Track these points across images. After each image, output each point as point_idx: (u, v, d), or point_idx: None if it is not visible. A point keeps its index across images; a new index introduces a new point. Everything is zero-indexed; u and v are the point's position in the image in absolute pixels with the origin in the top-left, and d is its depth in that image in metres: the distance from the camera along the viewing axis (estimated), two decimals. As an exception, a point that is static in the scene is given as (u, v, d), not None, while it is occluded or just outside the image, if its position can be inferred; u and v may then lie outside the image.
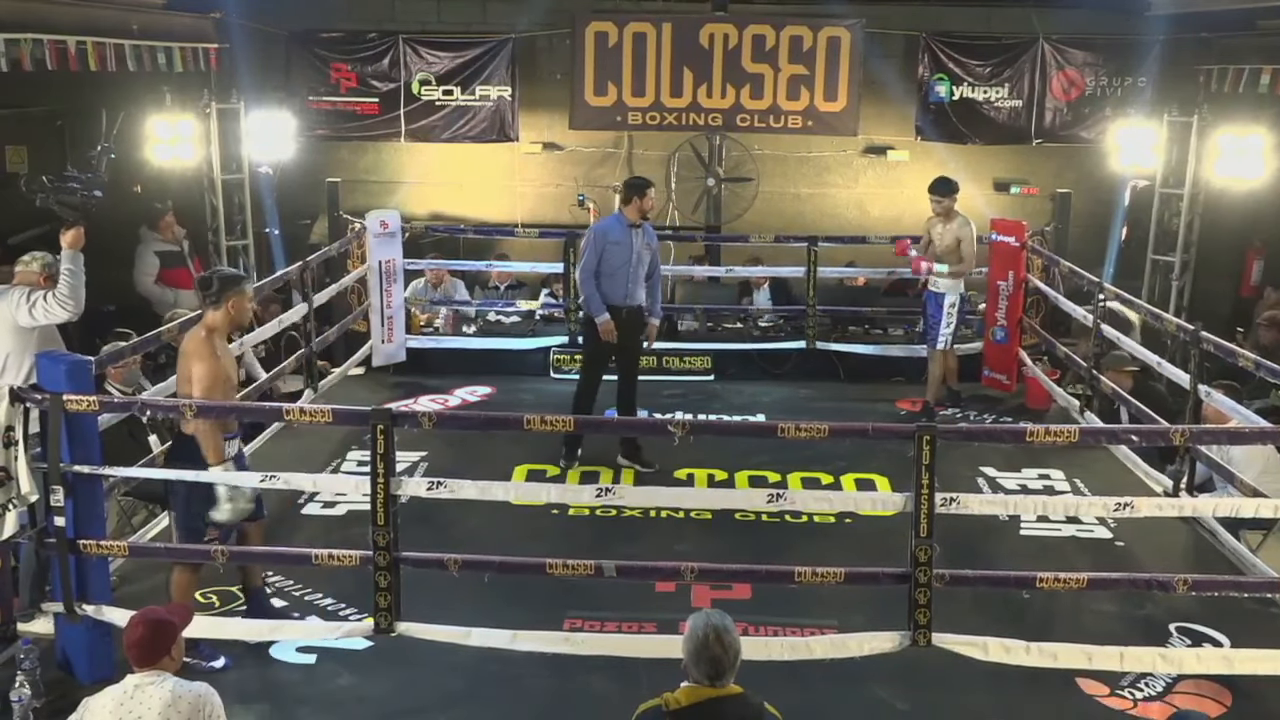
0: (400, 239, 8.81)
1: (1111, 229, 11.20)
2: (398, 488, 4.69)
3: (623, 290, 6.83)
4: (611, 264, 6.78)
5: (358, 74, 11.07)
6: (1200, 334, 6.15)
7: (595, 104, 11.03)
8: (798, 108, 10.98)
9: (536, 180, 11.71)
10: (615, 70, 10.93)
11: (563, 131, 11.43)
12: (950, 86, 11.19)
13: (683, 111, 11.03)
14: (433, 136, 11.19)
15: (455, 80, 11.09)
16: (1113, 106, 11.10)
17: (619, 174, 11.64)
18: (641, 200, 6.82)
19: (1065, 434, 4.75)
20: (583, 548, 5.54)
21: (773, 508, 5.18)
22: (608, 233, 6.83)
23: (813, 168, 11.72)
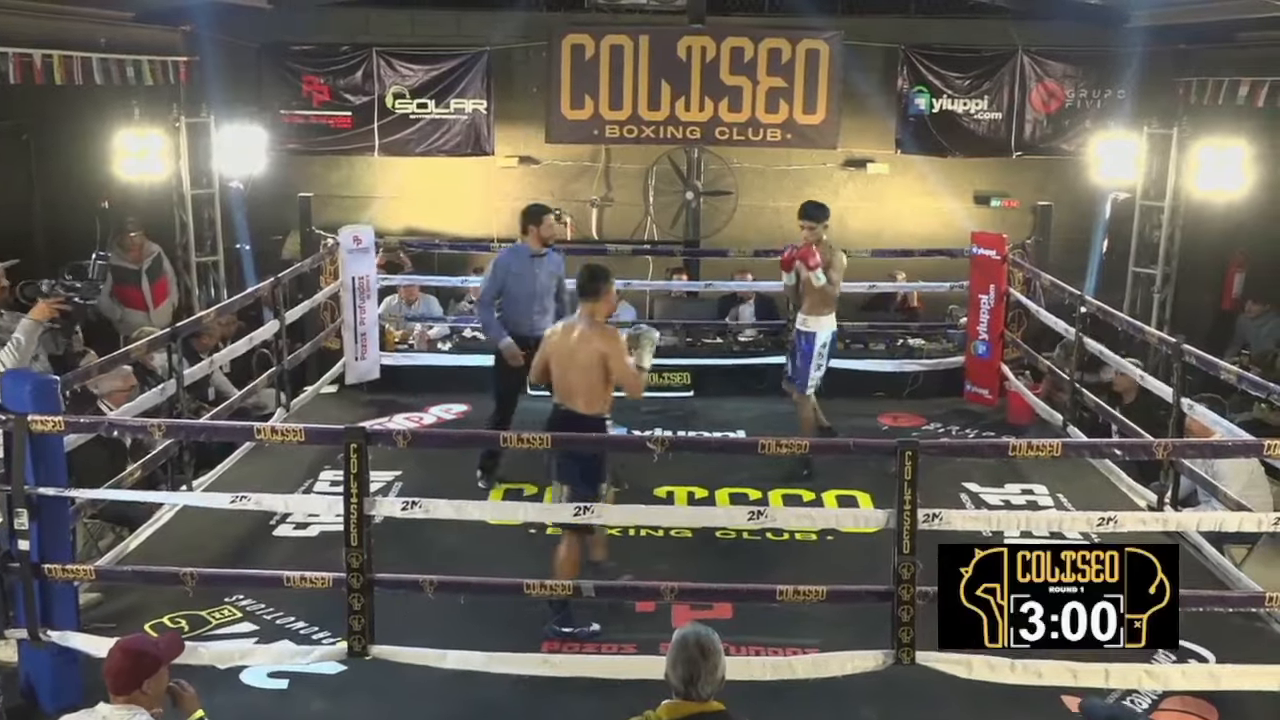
0: (373, 255, 8.80)
1: (1092, 242, 11.28)
2: (372, 508, 4.67)
3: (528, 322, 6.75)
4: (514, 295, 6.74)
5: (330, 87, 11.06)
6: (1183, 347, 6.20)
7: (572, 117, 11.04)
8: (776, 120, 11.02)
9: (512, 194, 11.68)
10: (592, 83, 10.95)
11: (539, 145, 11.44)
12: (930, 99, 11.27)
13: (660, 125, 11.05)
14: (407, 150, 11.17)
15: (429, 93, 11.09)
16: (1093, 118, 11.20)
17: (596, 188, 11.66)
18: (539, 228, 6.78)
19: (1048, 448, 4.78)
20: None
21: (754, 525, 5.18)
22: (509, 265, 6.77)
23: (792, 181, 11.77)
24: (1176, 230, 10.61)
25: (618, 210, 11.76)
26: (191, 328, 7.30)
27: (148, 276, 9.82)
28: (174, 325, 6.66)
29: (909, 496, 4.61)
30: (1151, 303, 10.70)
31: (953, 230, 11.17)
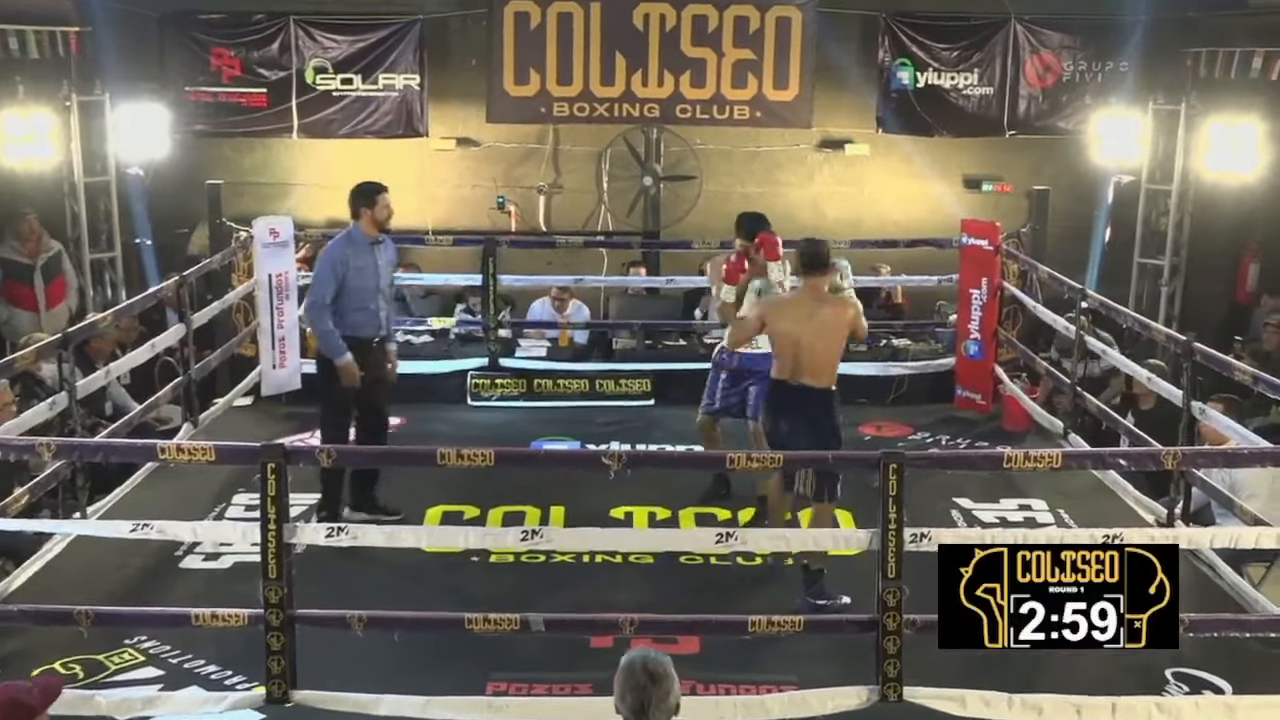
0: (293, 249, 8.74)
1: (1094, 230, 11.41)
2: (292, 535, 4.65)
3: (375, 321, 6.57)
4: (356, 292, 6.47)
5: (242, 60, 10.96)
6: (1193, 345, 6.28)
7: (516, 94, 11.01)
8: (744, 97, 11.06)
9: (449, 181, 11.67)
10: (538, 56, 10.92)
11: (479, 125, 11.40)
12: (914, 72, 11.35)
13: (615, 102, 11.05)
14: (330, 131, 11.11)
15: (355, 67, 11.02)
16: (1092, 94, 11.32)
17: (543, 173, 11.65)
18: (373, 210, 6.49)
19: (1047, 459, 4.82)
20: (507, 599, 5.51)
21: (722, 549, 5.20)
22: (347, 258, 6.46)
23: (762, 164, 11.81)
24: (1185, 216, 10.76)
25: (568, 198, 11.74)
26: (86, 333, 7.21)
27: (43, 274, 9.72)
28: (66, 331, 6.58)
29: (894, 514, 4.64)
30: (1159, 296, 10.84)
31: (940, 218, 11.24)
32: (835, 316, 5.90)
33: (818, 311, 5.87)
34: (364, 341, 6.54)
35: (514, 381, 9.10)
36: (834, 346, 5.90)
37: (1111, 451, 5.98)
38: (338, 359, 6.44)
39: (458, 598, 5.59)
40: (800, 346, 5.85)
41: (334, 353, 6.45)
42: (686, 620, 5.04)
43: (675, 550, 6.00)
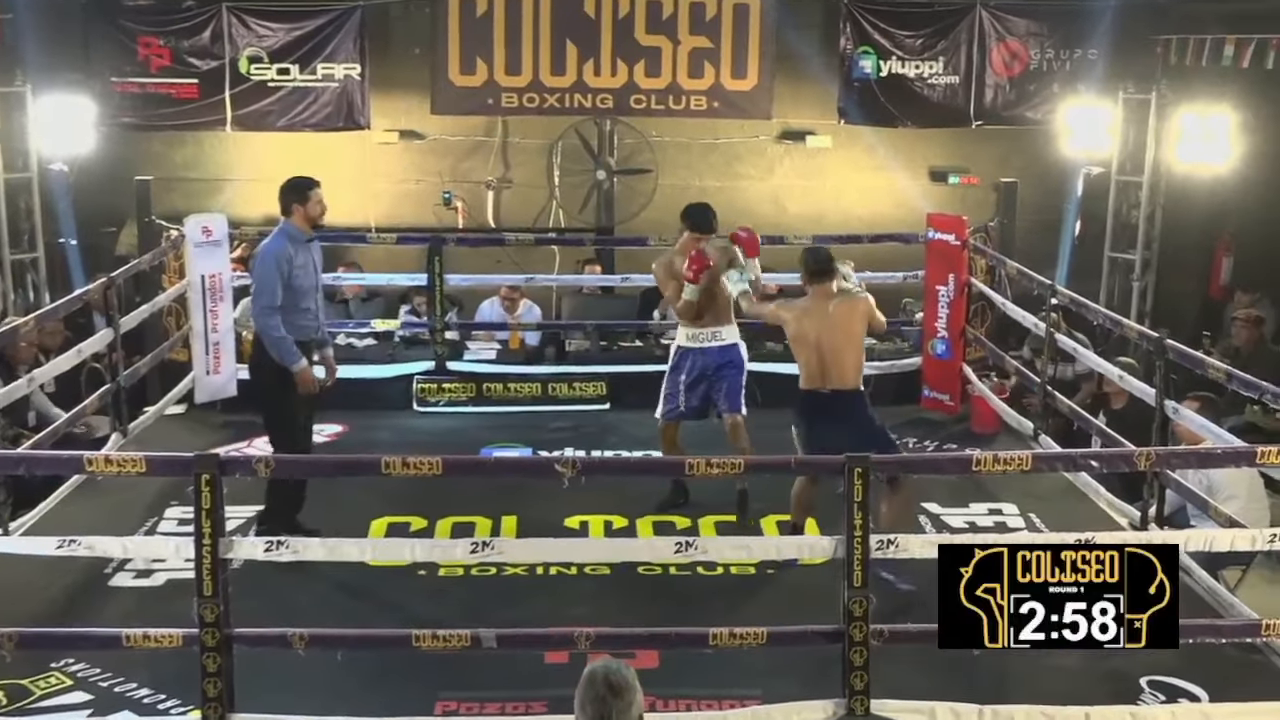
0: (227, 248, 8.68)
1: (1063, 223, 11.53)
2: (228, 550, 4.62)
3: (314, 321, 6.55)
4: (299, 291, 6.43)
5: (172, 50, 10.85)
6: (1165, 342, 6.36)
7: (462, 84, 10.98)
8: (701, 86, 11.08)
9: (393, 175, 11.62)
10: (485, 44, 10.90)
11: (423, 117, 11.37)
12: (877, 61, 11.41)
13: (566, 92, 11.05)
14: (265, 124, 11.03)
15: (292, 57, 10.94)
16: (1061, 83, 11.43)
17: (491, 167, 11.63)
18: (305, 205, 6.45)
19: (1017, 462, 4.87)
20: (457, 614, 5.51)
21: (682, 559, 5.20)
22: (289, 254, 6.36)
23: (720, 156, 11.84)
24: (1157, 209, 10.89)
25: (517, 193, 11.73)
26: (6, 339, 7.14)
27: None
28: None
29: (859, 521, 4.67)
30: (1131, 292, 10.97)
31: (905, 212, 11.33)
32: (848, 311, 6.17)
33: (830, 312, 6.15)
34: (303, 344, 6.50)
35: (462, 386, 9.08)
36: (855, 343, 6.19)
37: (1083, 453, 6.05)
38: (294, 366, 6.34)
39: (404, 614, 5.57)
40: (823, 350, 6.11)
41: (290, 359, 6.34)
42: (645, 633, 5.05)
43: (633, 560, 6.00)
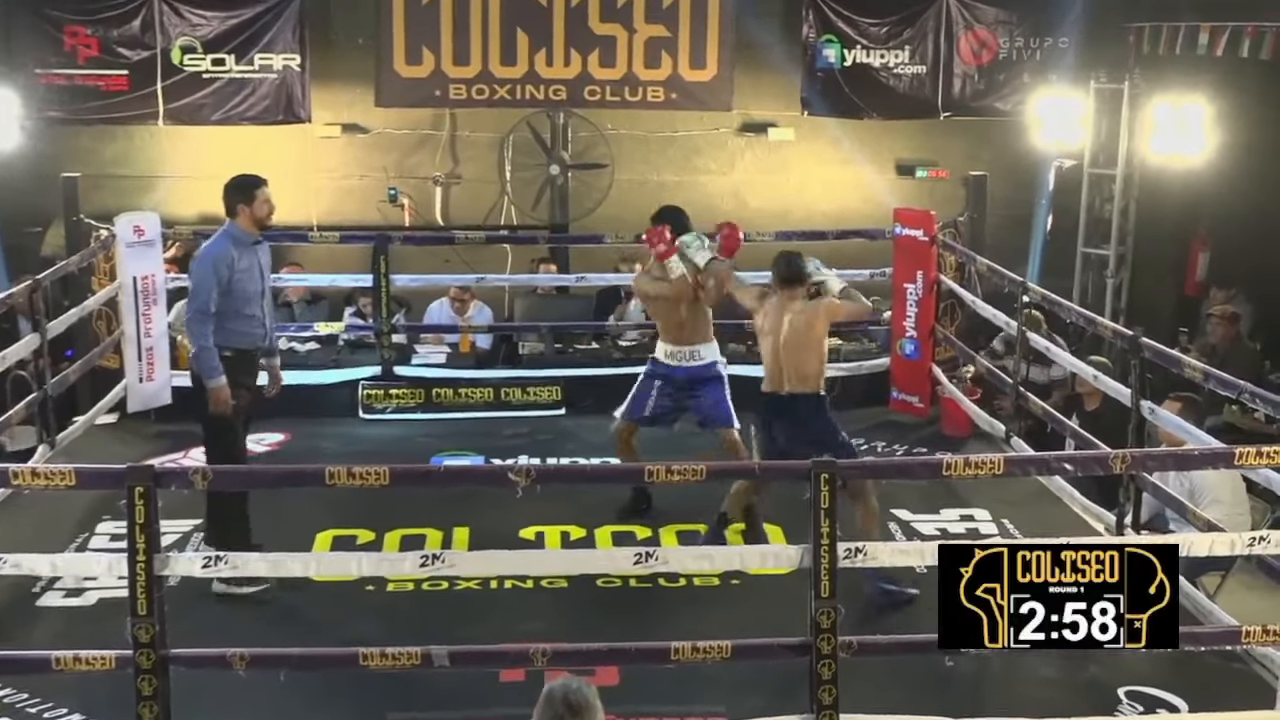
0: (160, 248, 8.62)
1: (1035, 218, 11.64)
2: (164, 567, 4.59)
3: (260, 328, 6.44)
4: (242, 296, 6.30)
5: (100, 40, 10.77)
6: (1141, 340, 6.42)
7: (407, 75, 10.96)
8: (658, 77, 11.11)
9: (336, 171, 11.57)
10: (432, 33, 10.89)
11: (367, 110, 11.34)
12: (841, 50, 11.47)
13: (517, 84, 11.05)
14: (200, 118, 10.97)
15: (228, 46, 10.89)
16: (1031, 72, 11.54)
17: (439, 162, 11.60)
18: (252, 206, 6.32)
19: (989, 465, 4.90)
20: (406, 631, 5.48)
21: (642, 570, 5.20)
22: (231, 257, 6.22)
23: (679, 150, 11.87)
24: (1131, 203, 11.00)
25: (467, 189, 11.71)
26: (-75, 346, 7.05)
27: None
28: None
29: (826, 529, 4.68)
30: (1105, 289, 11.06)
31: (872, 207, 11.40)
32: (810, 316, 6.31)
33: (792, 316, 6.31)
34: (248, 353, 6.40)
35: (410, 392, 9.05)
36: (815, 348, 6.30)
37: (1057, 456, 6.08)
38: (211, 381, 6.17)
39: (351, 631, 5.54)
40: (780, 352, 6.29)
41: (210, 373, 6.18)
42: (604, 649, 5.04)
43: (591, 573, 5.99)
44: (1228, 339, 9.48)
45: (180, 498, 6.12)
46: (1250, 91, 10.65)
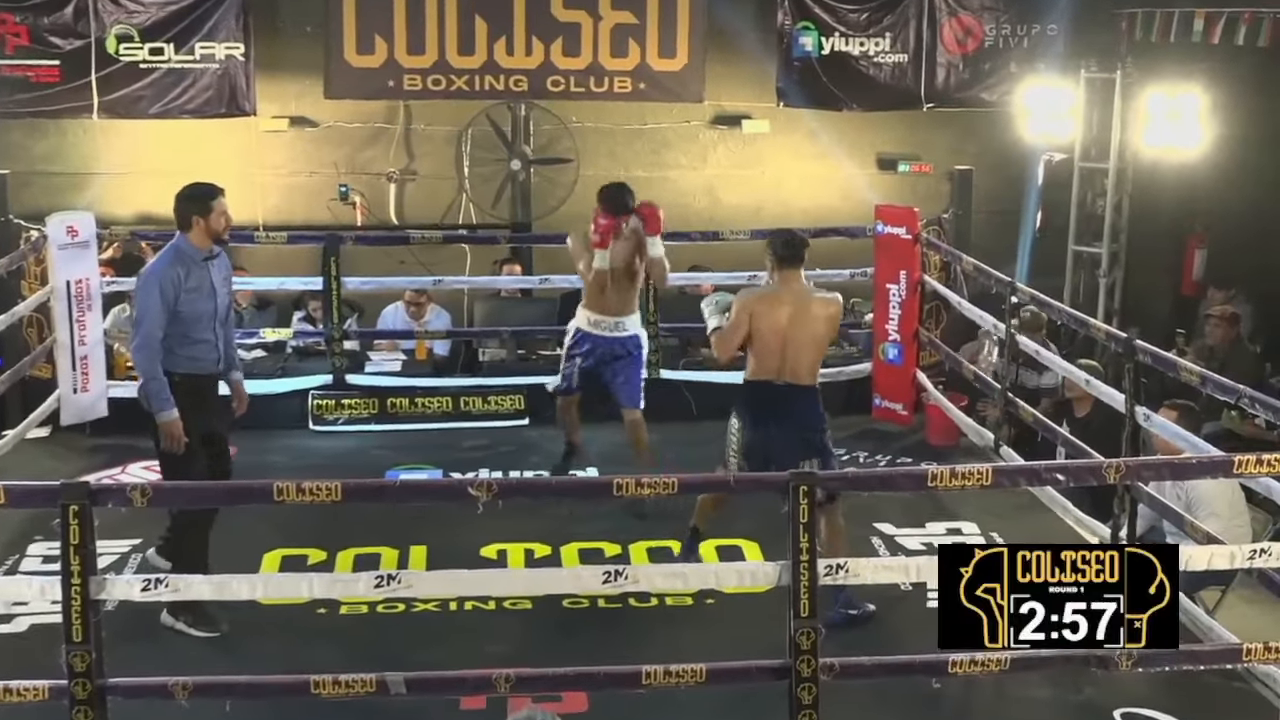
0: (95, 250, 8.57)
1: (1023, 215, 11.69)
2: (100, 590, 4.56)
3: (213, 353, 6.22)
4: (193, 319, 6.10)
5: (30, 27, 10.70)
6: (1135, 343, 6.46)
7: (359, 65, 10.93)
8: (625, 67, 11.11)
9: (282, 167, 11.54)
10: (384, 20, 10.86)
11: (316, 102, 11.31)
12: (818, 38, 11.51)
13: (475, 74, 11.03)
14: (138, 111, 10.91)
15: (166, 35, 10.83)
16: (1018, 61, 11.59)
17: (393, 158, 11.59)
18: (207, 218, 6.08)
19: (976, 476, 4.92)
20: (361, 657, 5.47)
21: (611, 590, 5.20)
22: (178, 279, 5.99)
23: (648, 144, 11.88)
24: (1124, 198, 11.07)
25: (423, 186, 11.70)
26: None
27: None
28: None
29: (806, 544, 4.69)
30: (1097, 289, 11.13)
31: (851, 203, 11.44)
32: (821, 311, 6.27)
33: (807, 305, 6.24)
34: (204, 379, 6.21)
35: (363, 402, 9.03)
36: (820, 345, 6.32)
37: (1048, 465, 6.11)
38: (161, 414, 5.99)
39: (302, 657, 5.52)
40: (787, 341, 6.17)
41: (158, 405, 5.99)
42: (571, 674, 5.04)
43: (557, 593, 5.98)
44: (1227, 341, 9.54)
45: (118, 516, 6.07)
46: (1248, 81, 10.75)
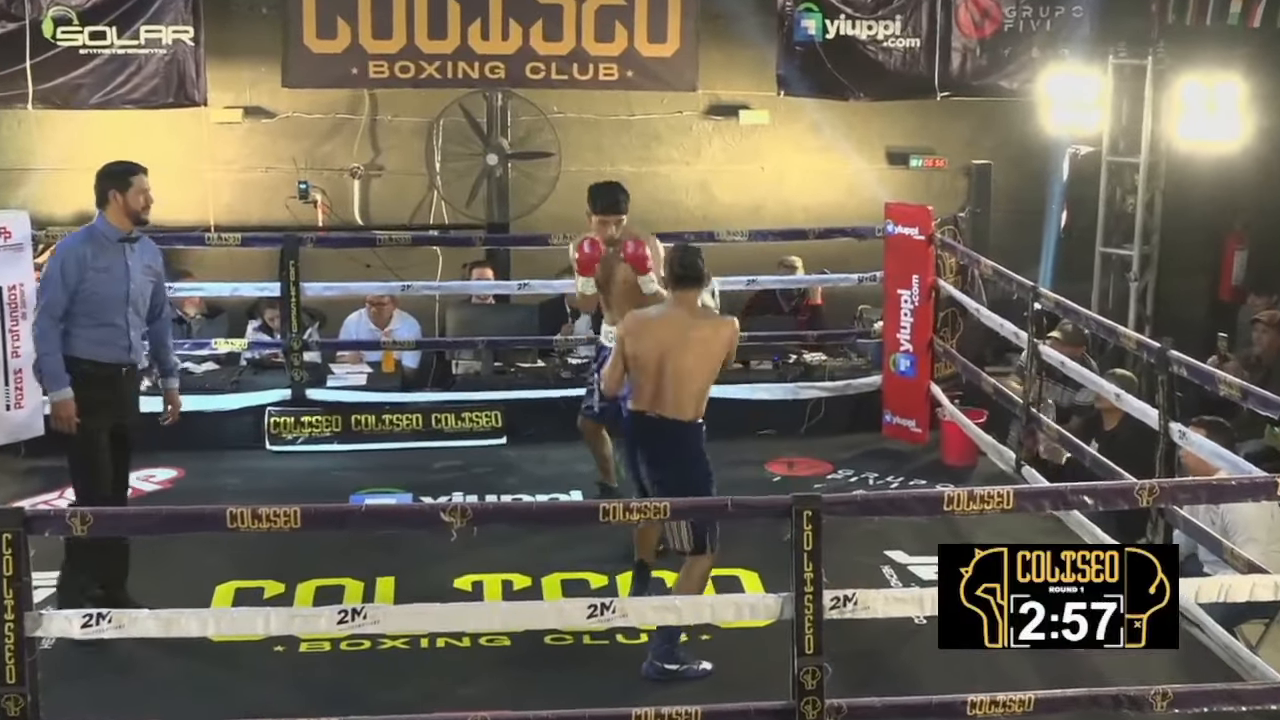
0: (30, 253, 8.55)
1: (1047, 213, 11.70)
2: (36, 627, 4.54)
3: (123, 340, 6.39)
4: (100, 301, 6.30)
5: (-43, 10, 10.73)
6: (1169, 353, 6.46)
7: (319, 50, 10.95)
8: (611, 52, 11.13)
9: (236, 162, 11.54)
10: (348, 2, 10.87)
11: (273, 91, 11.32)
12: (822, 20, 11.52)
13: (447, 60, 11.04)
14: (77, 101, 10.92)
15: (108, 18, 10.84)
16: (1041, 45, 11.62)
17: (357, 152, 11.59)
18: (125, 195, 6.35)
19: (996, 499, 4.92)
20: (322, 699, 5.46)
21: (598, 624, 5.20)
22: (84, 256, 6.26)
23: (636, 137, 11.90)
24: (1157, 195, 11.08)
25: (390, 182, 11.71)
26: None
27: None
28: None
29: (810, 574, 4.69)
30: (1128, 294, 11.13)
31: (859, 201, 11.46)
32: (712, 336, 6.14)
33: (691, 330, 6.09)
34: (107, 369, 6.36)
35: (325, 419, 9.01)
36: (708, 372, 6.15)
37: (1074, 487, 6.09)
38: (53, 391, 6.25)
39: (258, 699, 5.51)
40: (666, 371, 6.06)
41: (51, 382, 6.25)
42: (553, 717, 5.04)
43: (538, 628, 5.98)
44: (1275, 348, 9.53)
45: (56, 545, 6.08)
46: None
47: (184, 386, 9.02)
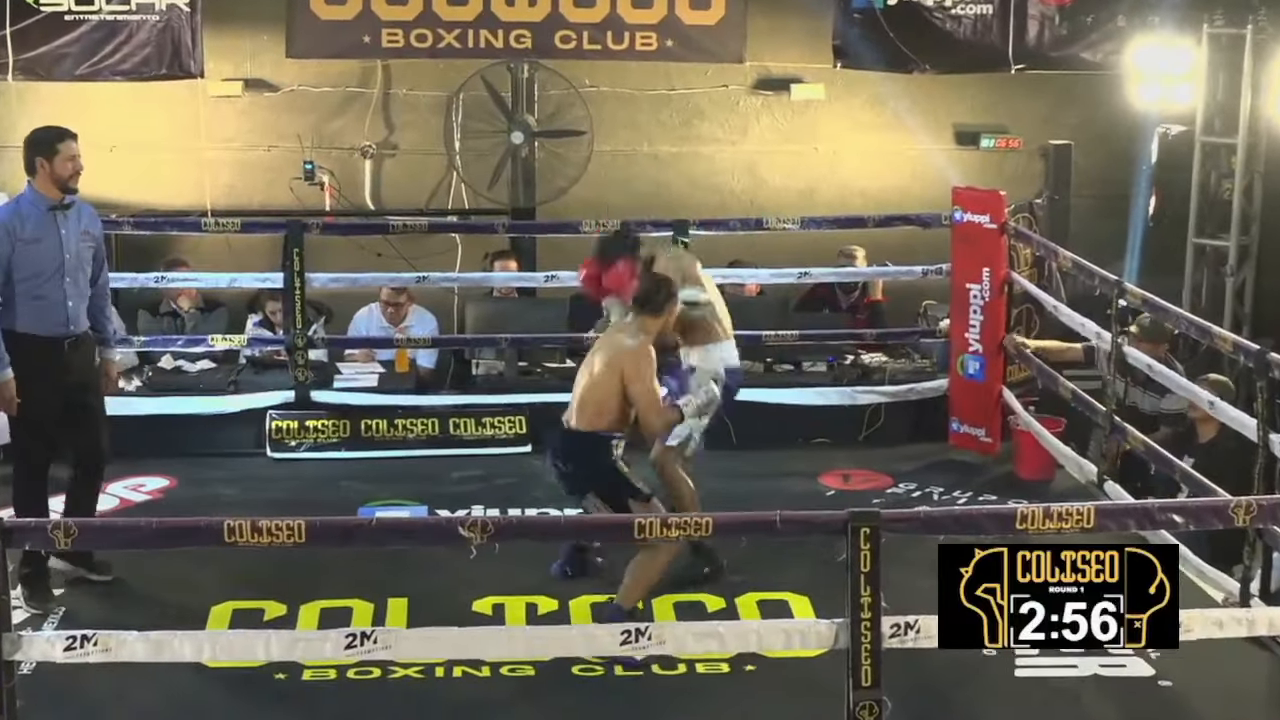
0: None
1: (1133, 199, 11.65)
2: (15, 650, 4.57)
3: (60, 312, 6.64)
4: (35, 272, 6.56)
5: (-68, -25, 10.81)
6: (1269, 357, 6.43)
7: (328, 17, 10.98)
8: (649, 19, 11.13)
9: (235, 139, 11.57)
10: (359, -37, 10.94)
11: (276, 62, 11.36)
12: (884, -16, 11.52)
13: (468, 28, 11.06)
14: (61, 72, 10.97)
15: (96, -19, 10.92)
16: (1127, 13, 11.53)
17: (369, 129, 11.62)
18: (52, 163, 6.54)
19: (1076, 517, 4.92)
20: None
21: (632, 652, 5.20)
22: (13, 228, 6.55)
23: (677, 113, 11.89)
24: (1256, 180, 11.02)
25: (404, 163, 11.74)
26: None
27: None
28: None
29: (868, 598, 4.68)
30: (1224, 290, 11.07)
31: (924, 185, 11.44)
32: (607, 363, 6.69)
33: (598, 351, 6.81)
34: (50, 342, 6.60)
35: (332, 423, 9.05)
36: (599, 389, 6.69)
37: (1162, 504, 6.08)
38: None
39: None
40: (577, 385, 6.83)
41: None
42: (582, 755, 5.06)
43: (565, 656, 6.00)
44: None
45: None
46: None
47: (178, 387, 9.17)
